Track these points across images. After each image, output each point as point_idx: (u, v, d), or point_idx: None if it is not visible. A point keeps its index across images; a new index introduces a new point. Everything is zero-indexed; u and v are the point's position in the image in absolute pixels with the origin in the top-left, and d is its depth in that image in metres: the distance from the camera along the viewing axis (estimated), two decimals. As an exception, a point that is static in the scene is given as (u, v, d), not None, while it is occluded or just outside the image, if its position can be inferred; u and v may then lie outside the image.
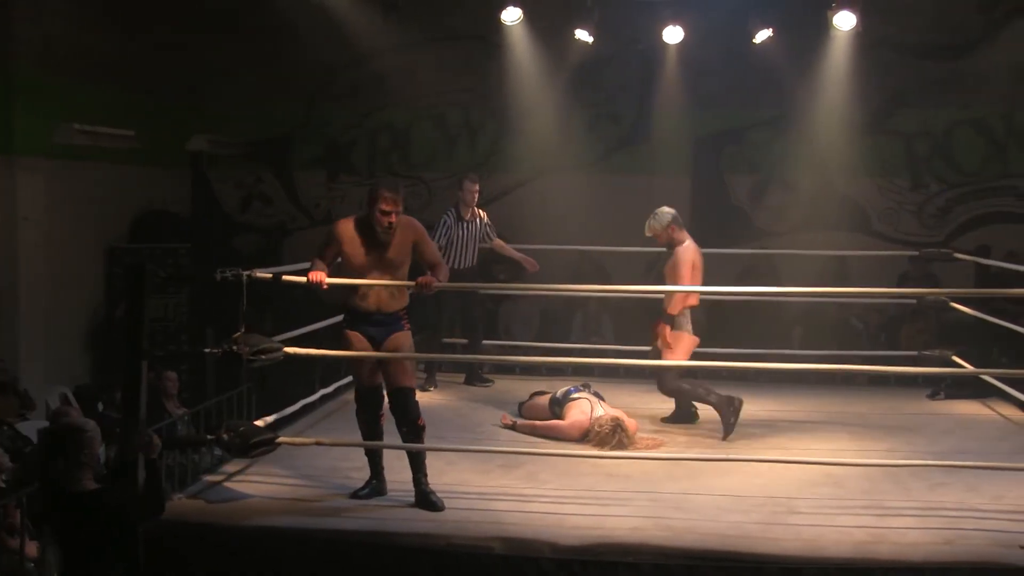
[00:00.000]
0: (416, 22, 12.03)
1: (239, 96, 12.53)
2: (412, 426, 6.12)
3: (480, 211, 9.15)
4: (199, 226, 12.28)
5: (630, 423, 7.32)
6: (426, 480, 6.04)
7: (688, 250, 7.75)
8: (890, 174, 12.46)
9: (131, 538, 4.78)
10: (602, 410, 7.44)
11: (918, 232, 12.37)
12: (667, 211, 7.81)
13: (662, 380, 7.74)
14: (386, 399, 6.26)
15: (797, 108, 11.98)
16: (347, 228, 6.10)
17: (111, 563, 4.65)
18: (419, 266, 6.29)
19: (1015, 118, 12.26)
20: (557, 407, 7.71)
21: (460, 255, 8.97)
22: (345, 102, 12.91)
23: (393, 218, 5.98)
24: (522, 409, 8.09)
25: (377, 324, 6.16)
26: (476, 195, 9.04)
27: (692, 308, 7.72)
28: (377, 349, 6.16)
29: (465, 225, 9.00)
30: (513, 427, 7.74)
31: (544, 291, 10.71)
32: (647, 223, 7.89)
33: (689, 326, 7.70)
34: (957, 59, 12.00)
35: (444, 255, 8.46)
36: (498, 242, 9.28)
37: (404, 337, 6.24)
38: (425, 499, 5.98)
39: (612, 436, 7.12)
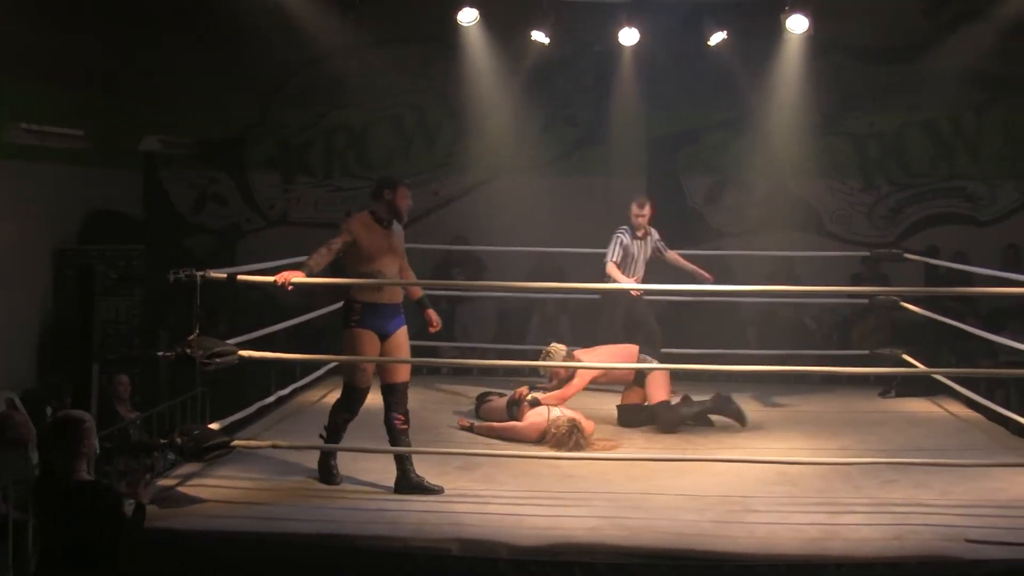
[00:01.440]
0: (373, 23, 11.98)
1: (192, 96, 12.42)
2: (406, 415, 6.42)
3: (652, 228, 9.09)
4: (152, 227, 12.16)
5: (587, 424, 7.35)
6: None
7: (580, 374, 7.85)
8: (842, 175, 12.61)
9: (116, 534, 4.80)
10: (559, 411, 7.45)
11: (869, 233, 12.51)
12: (558, 350, 7.99)
13: (660, 423, 7.82)
14: None
15: (751, 110, 12.09)
16: (362, 221, 6.37)
17: (97, 555, 4.69)
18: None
19: (962, 121, 12.47)
20: (515, 408, 7.72)
21: (632, 271, 8.92)
22: (300, 102, 12.84)
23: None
24: (479, 411, 8.10)
25: (389, 316, 6.39)
26: (644, 217, 8.97)
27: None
28: (385, 343, 6.38)
29: (639, 242, 8.97)
30: (471, 429, 7.74)
31: (500, 291, 10.76)
32: (543, 365, 7.99)
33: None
34: (906, 62, 12.16)
35: (620, 270, 8.77)
36: (671, 254, 9.13)
37: (405, 331, 6.51)
38: (422, 487, 6.18)
39: (569, 437, 7.14)
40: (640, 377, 7.98)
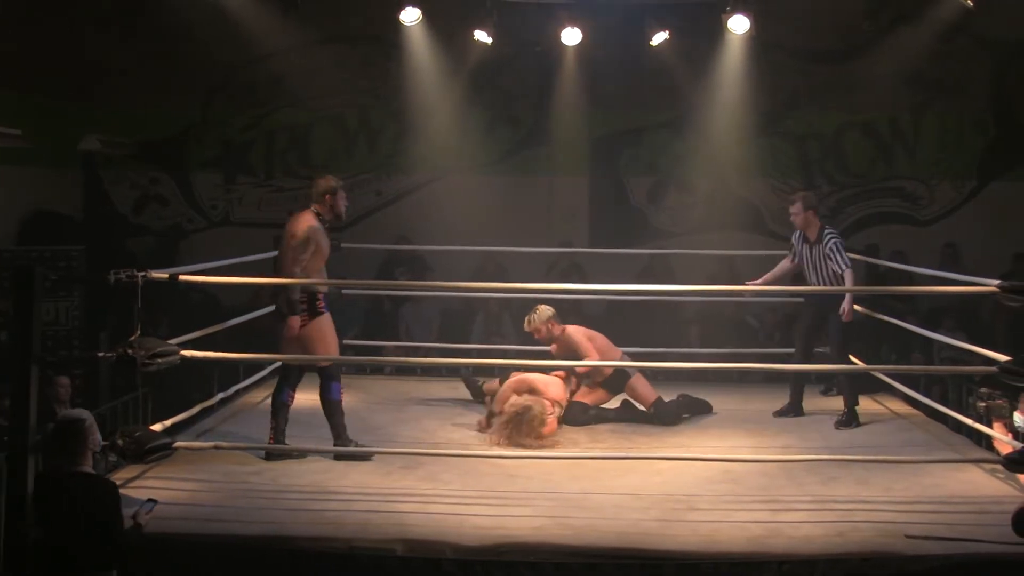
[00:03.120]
0: (315, 22, 11.92)
1: (133, 95, 12.28)
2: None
3: (828, 231, 8.14)
4: (91, 227, 11.99)
5: (549, 419, 7.40)
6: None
7: (574, 331, 8.01)
8: (783, 175, 12.74)
9: (113, 521, 4.92)
10: (528, 396, 7.49)
11: (811, 232, 12.63)
12: (546, 308, 8.05)
13: (663, 419, 8.00)
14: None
15: (693, 110, 12.18)
16: (316, 223, 6.78)
17: (96, 545, 4.84)
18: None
19: (899, 121, 12.68)
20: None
21: (809, 278, 8.22)
22: (242, 102, 12.73)
23: None
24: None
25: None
26: (794, 216, 8.22)
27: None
28: None
29: (810, 247, 8.16)
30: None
31: (444, 291, 10.76)
32: (527, 318, 8.11)
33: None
34: (845, 63, 12.33)
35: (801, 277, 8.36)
36: (848, 273, 7.95)
37: None
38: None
39: (509, 428, 7.20)
40: (618, 381, 8.08)
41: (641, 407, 8.11)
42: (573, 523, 5.69)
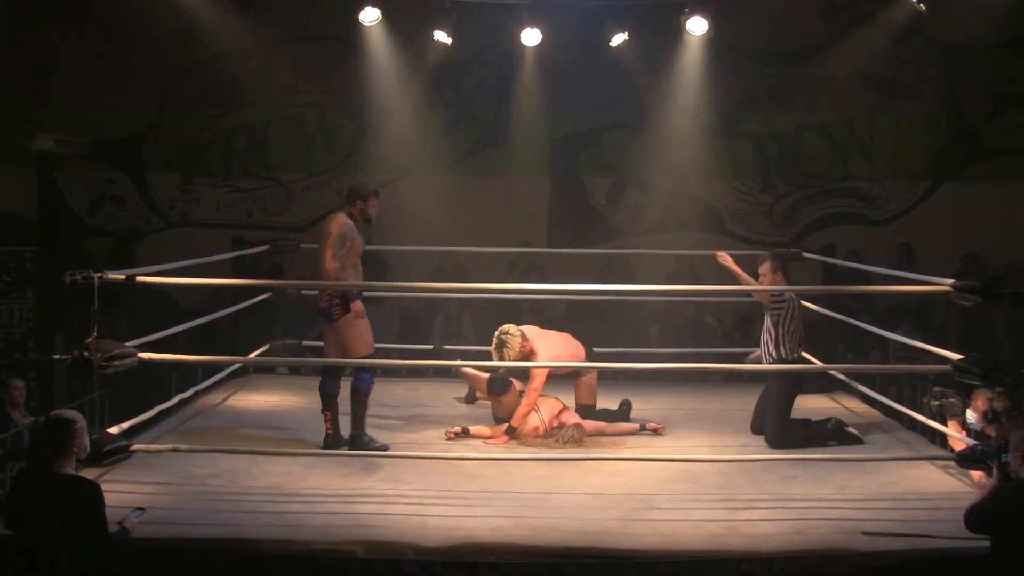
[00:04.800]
0: (273, 22, 11.88)
1: (87, 94, 12.16)
2: None
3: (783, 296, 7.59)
4: (45, 228, 11.85)
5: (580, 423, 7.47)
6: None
7: (541, 352, 7.58)
8: (741, 176, 12.84)
9: (98, 523, 4.91)
10: (547, 412, 7.51)
11: (769, 232, 12.75)
12: (512, 334, 7.50)
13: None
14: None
15: (652, 111, 12.24)
16: (349, 221, 7.02)
17: (77, 543, 4.83)
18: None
19: (855, 122, 12.81)
20: (498, 385, 7.76)
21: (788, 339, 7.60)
22: (199, 102, 12.64)
23: None
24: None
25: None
26: (765, 277, 7.66)
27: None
28: None
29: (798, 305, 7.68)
30: (465, 433, 7.55)
31: (404, 291, 10.73)
32: (501, 353, 7.47)
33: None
34: (803, 65, 12.46)
35: (781, 339, 7.62)
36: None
37: None
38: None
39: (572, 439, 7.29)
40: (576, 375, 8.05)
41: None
42: (533, 523, 5.69)
